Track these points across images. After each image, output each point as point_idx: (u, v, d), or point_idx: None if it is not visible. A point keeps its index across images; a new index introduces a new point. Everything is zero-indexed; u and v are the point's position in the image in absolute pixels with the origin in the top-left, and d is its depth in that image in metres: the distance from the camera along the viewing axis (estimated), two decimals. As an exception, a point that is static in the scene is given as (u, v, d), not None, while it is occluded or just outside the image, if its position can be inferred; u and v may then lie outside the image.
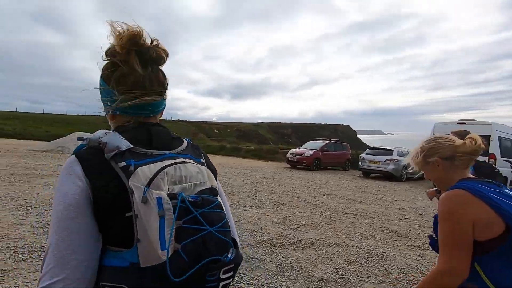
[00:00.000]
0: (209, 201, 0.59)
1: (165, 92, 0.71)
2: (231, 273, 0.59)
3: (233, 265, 0.59)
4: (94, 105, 0.71)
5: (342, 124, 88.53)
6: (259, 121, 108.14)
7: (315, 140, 16.62)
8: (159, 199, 0.52)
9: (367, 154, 12.92)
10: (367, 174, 12.90)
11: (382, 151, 12.58)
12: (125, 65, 0.64)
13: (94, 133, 0.62)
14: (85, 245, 0.54)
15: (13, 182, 6.22)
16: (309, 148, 14.57)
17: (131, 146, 0.60)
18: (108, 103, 0.67)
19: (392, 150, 12.22)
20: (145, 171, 0.56)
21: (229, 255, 0.59)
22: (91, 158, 0.59)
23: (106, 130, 0.64)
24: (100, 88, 0.68)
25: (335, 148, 15.16)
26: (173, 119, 62.05)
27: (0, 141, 18.09)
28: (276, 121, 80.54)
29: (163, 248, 0.51)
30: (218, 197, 0.63)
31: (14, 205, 4.58)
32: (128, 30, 0.63)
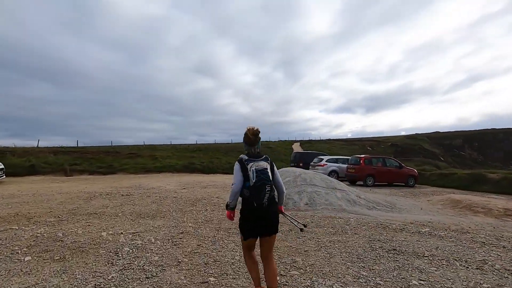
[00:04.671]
0: (265, 170, 2.57)
1: (258, 143, 2.74)
2: (270, 187, 2.55)
3: (270, 184, 2.55)
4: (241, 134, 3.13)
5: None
6: (403, 133, 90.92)
7: None
8: (253, 170, 2.54)
9: None
10: None
11: None
12: (249, 137, 2.73)
13: (241, 155, 2.71)
14: (240, 178, 2.59)
15: None
16: None
17: (248, 157, 2.64)
18: (244, 148, 2.78)
19: None
20: (250, 163, 2.57)
21: (269, 182, 2.55)
22: (241, 160, 2.63)
23: (242, 154, 2.71)
24: (243, 143, 2.78)
25: None
26: (311, 139, 59.21)
27: (196, 178, 17.37)
28: (431, 132, 63.80)
29: (253, 179, 2.51)
30: (268, 171, 2.59)
31: None
32: (252, 128, 2.75)
